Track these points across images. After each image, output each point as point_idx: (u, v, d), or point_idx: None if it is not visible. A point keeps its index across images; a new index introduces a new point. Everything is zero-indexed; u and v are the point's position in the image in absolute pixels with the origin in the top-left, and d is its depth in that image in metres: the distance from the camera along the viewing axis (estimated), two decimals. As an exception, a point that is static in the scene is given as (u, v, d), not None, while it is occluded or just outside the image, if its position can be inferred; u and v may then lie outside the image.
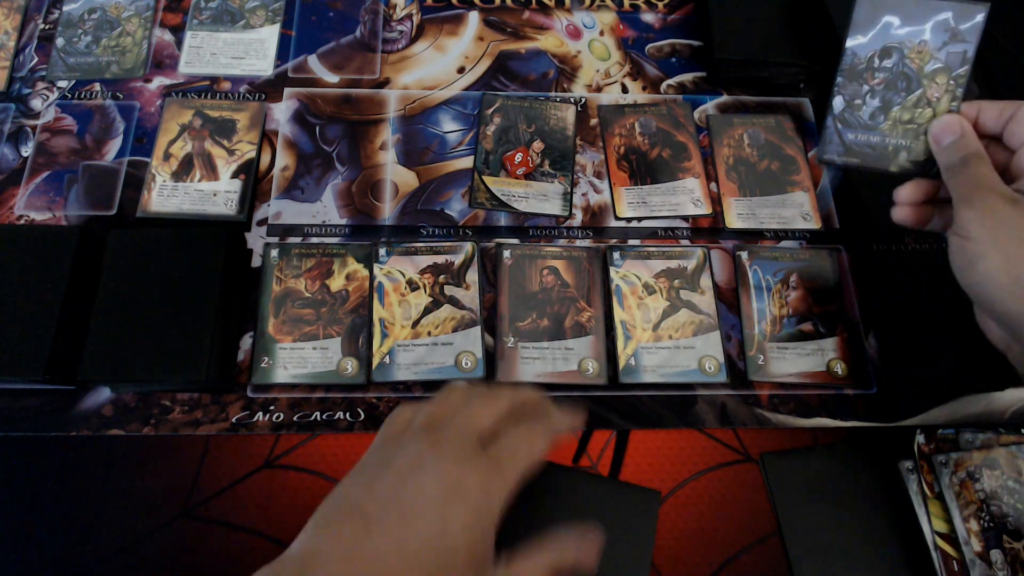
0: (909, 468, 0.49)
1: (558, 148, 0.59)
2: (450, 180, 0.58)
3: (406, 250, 0.54)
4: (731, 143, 0.60)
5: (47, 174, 0.57)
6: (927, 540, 0.47)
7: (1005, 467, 0.49)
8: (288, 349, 0.50)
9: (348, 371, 0.50)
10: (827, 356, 0.52)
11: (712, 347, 0.52)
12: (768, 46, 0.61)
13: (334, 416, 0.49)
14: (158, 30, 0.63)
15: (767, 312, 0.54)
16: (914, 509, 0.48)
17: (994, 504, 0.48)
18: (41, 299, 0.48)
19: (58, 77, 0.60)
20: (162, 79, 0.61)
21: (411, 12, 0.66)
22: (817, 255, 0.56)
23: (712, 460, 0.48)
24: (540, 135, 0.60)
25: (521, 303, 0.53)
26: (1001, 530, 0.47)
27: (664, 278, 0.54)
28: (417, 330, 0.52)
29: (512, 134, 0.60)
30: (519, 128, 0.60)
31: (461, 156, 0.59)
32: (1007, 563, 0.46)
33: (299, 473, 0.46)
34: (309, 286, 0.53)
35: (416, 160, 0.59)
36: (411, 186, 0.58)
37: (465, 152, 0.59)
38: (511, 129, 0.60)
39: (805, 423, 0.51)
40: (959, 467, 0.49)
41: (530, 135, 0.60)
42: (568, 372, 0.51)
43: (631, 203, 0.58)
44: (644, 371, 0.51)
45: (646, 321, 0.53)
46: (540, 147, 0.59)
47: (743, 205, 0.58)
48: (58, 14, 0.63)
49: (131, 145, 0.58)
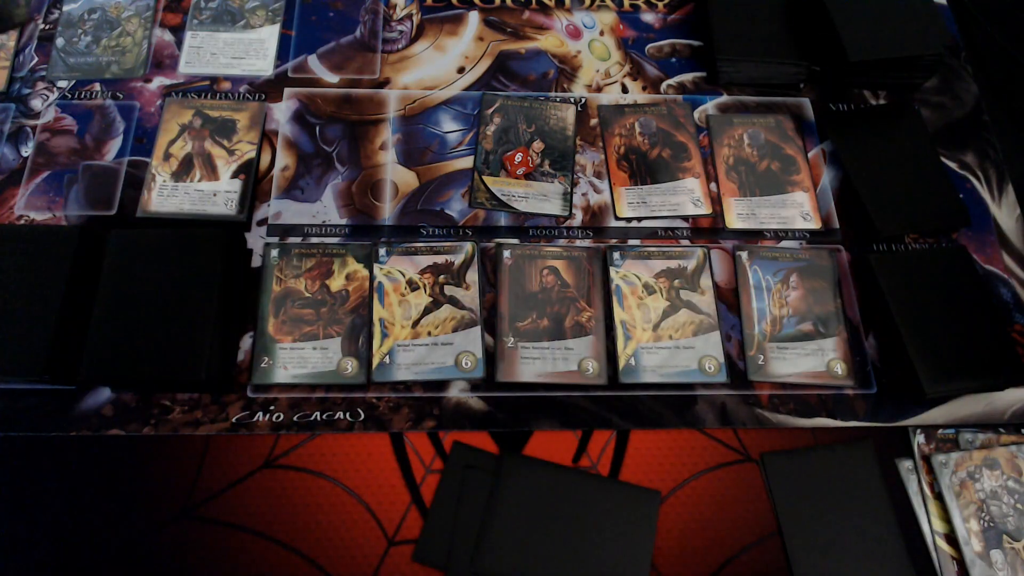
0: (909, 468, 0.49)
1: (558, 148, 0.59)
2: (450, 180, 0.58)
3: (406, 250, 0.54)
4: (731, 143, 0.60)
5: (47, 174, 0.57)
6: (927, 540, 0.47)
7: (1005, 467, 0.49)
8: (288, 349, 0.50)
9: (348, 371, 0.50)
10: (827, 356, 0.52)
11: (712, 347, 0.52)
12: (768, 46, 0.61)
13: (334, 416, 0.49)
14: (158, 30, 0.63)
15: (767, 312, 0.54)
16: (914, 509, 0.48)
17: (994, 504, 0.48)
18: (41, 299, 0.48)
19: (58, 77, 0.60)
20: (162, 79, 0.61)
21: (411, 12, 0.66)
22: (817, 255, 0.56)
23: (712, 460, 0.48)
24: (540, 135, 0.60)
25: (521, 303, 0.53)
26: (1001, 530, 0.47)
27: (664, 278, 0.54)
28: (417, 330, 0.52)
29: (512, 134, 0.60)
30: (519, 128, 0.60)
31: (461, 156, 0.59)
32: (1007, 563, 0.46)
33: (299, 473, 0.46)
34: (309, 286, 0.53)
35: (416, 160, 0.59)
36: (411, 186, 0.58)
37: (465, 152, 0.59)
38: (511, 129, 0.60)
39: (805, 423, 0.51)
40: (959, 467, 0.49)
41: (530, 135, 0.60)
42: (568, 372, 0.51)
43: (631, 203, 0.58)
44: (644, 371, 0.51)
45: (646, 321, 0.53)
46: (540, 147, 0.59)
47: (743, 205, 0.58)
48: (58, 14, 0.63)
49: (131, 145, 0.58)
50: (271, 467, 0.48)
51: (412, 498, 0.48)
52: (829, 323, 0.53)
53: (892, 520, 0.48)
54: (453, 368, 0.51)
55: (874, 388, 0.52)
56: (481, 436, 0.49)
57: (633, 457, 0.49)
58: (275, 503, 0.47)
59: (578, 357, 0.51)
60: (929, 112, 0.62)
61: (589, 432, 0.50)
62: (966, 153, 0.61)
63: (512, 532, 0.46)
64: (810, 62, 0.61)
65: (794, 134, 0.61)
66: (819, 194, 0.59)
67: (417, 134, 0.60)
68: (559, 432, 0.50)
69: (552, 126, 0.60)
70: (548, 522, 0.47)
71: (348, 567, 0.46)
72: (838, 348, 0.53)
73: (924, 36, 0.59)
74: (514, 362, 0.51)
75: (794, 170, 0.59)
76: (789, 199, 0.58)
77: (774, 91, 0.63)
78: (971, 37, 0.68)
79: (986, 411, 0.51)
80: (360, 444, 0.49)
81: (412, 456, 0.49)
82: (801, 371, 0.52)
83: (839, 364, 0.52)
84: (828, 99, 0.63)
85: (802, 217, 0.58)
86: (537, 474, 0.48)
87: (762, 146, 0.60)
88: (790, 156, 0.60)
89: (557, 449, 0.49)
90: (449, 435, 0.49)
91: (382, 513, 0.47)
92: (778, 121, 0.62)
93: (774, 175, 0.59)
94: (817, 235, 0.57)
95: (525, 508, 0.47)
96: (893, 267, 0.53)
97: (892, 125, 0.61)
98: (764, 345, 0.53)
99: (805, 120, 0.62)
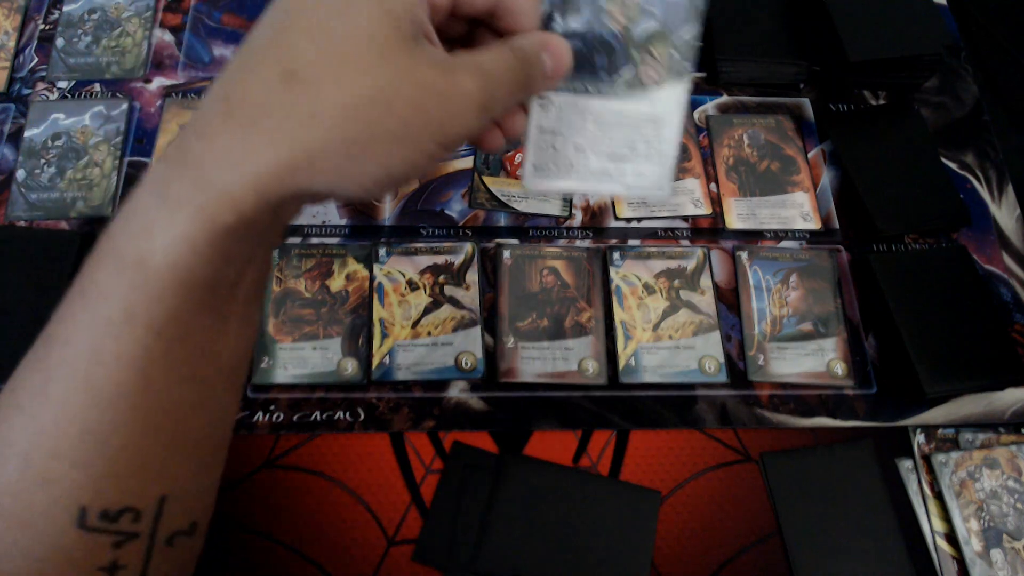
0: (909, 468, 0.49)
1: (558, 148, 0.59)
2: (450, 180, 0.58)
3: (406, 250, 0.54)
4: (731, 143, 0.60)
5: (47, 174, 0.57)
6: (927, 540, 0.48)
7: (1005, 467, 0.49)
8: (288, 349, 0.50)
9: (348, 371, 0.50)
10: (827, 356, 0.52)
11: (712, 347, 0.52)
12: (768, 46, 0.61)
13: (334, 416, 0.49)
14: (158, 30, 0.63)
15: (767, 312, 0.54)
16: (914, 509, 0.48)
17: (994, 504, 0.48)
18: (41, 303, 0.48)
19: (58, 77, 0.60)
20: (162, 79, 0.61)
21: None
22: (817, 255, 0.56)
23: (712, 460, 0.48)
24: (540, 135, 0.60)
25: (521, 303, 0.53)
26: (1001, 530, 0.47)
27: (664, 278, 0.54)
28: (417, 330, 0.52)
29: (512, 134, 0.60)
30: (519, 128, 0.60)
31: (461, 156, 0.59)
32: (1007, 562, 0.46)
33: (299, 473, 0.46)
34: (309, 286, 0.53)
35: (416, 160, 0.59)
36: (411, 186, 0.58)
37: (465, 152, 0.59)
38: (511, 129, 0.60)
39: (805, 423, 0.51)
40: (959, 467, 0.49)
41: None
42: (568, 372, 0.51)
43: (631, 203, 0.58)
44: (644, 371, 0.51)
45: (646, 321, 0.53)
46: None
47: (743, 205, 0.58)
48: (58, 14, 0.63)
49: (131, 145, 0.58)
50: (271, 467, 0.48)
51: (412, 498, 0.48)
52: (829, 323, 0.53)
53: (892, 520, 0.48)
54: (453, 368, 0.51)
55: (874, 388, 0.52)
56: (481, 436, 0.49)
57: (633, 457, 0.49)
58: (275, 503, 0.47)
59: (578, 357, 0.51)
60: (929, 112, 0.62)
61: (589, 432, 0.50)
62: (966, 153, 0.61)
63: (512, 532, 0.46)
64: (810, 62, 0.61)
65: (794, 134, 0.61)
66: (819, 194, 0.59)
67: (417, 134, 0.60)
68: (559, 432, 0.50)
69: (552, 126, 0.60)
70: (548, 522, 0.47)
71: (348, 567, 0.46)
72: (838, 348, 0.53)
73: (924, 36, 0.59)
74: (514, 362, 0.51)
75: (794, 170, 0.59)
76: (789, 199, 0.58)
77: (774, 91, 0.63)
78: (971, 37, 0.68)
79: (986, 411, 0.51)
80: (360, 444, 0.49)
81: (412, 456, 0.49)
82: (801, 371, 0.52)
83: (839, 364, 0.52)
84: (828, 99, 0.63)
85: (802, 217, 0.58)
86: (537, 474, 0.48)
87: (762, 146, 0.60)
88: (790, 156, 0.60)
89: (557, 449, 0.49)
90: (449, 435, 0.49)
91: (382, 513, 0.47)
92: (778, 121, 0.62)
93: (774, 175, 0.59)
94: (817, 235, 0.57)
95: (525, 508, 0.47)
96: (893, 267, 0.53)
97: (892, 125, 0.61)
98: (764, 345, 0.53)
99: (805, 120, 0.62)
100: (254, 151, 0.23)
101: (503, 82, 0.28)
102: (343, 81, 0.24)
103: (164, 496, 0.26)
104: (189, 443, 0.26)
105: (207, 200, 0.23)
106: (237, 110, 0.23)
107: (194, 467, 0.27)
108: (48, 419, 0.23)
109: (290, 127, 0.23)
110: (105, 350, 0.23)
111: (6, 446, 0.24)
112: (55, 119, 0.58)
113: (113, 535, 0.24)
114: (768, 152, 0.60)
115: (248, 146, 0.23)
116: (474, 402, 0.50)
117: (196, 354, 0.25)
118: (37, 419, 0.24)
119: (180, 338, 0.24)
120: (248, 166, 0.23)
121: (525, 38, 0.29)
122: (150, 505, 0.25)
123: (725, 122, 0.61)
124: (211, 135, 0.23)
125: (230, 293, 0.26)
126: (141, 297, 0.23)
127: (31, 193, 0.55)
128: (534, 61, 0.29)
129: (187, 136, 0.24)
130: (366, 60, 0.24)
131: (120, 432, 0.24)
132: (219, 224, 0.23)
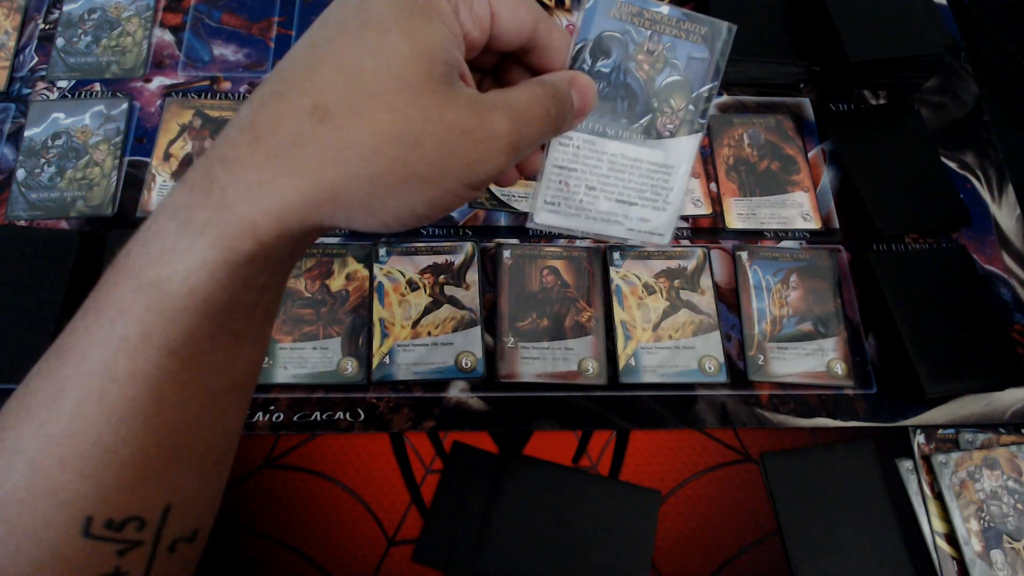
0: (909, 468, 0.49)
1: (558, 148, 0.59)
2: (450, 180, 0.58)
3: (406, 250, 0.54)
4: (731, 143, 0.60)
5: (47, 174, 0.57)
6: (927, 540, 0.48)
7: (1005, 467, 0.49)
8: (288, 349, 0.50)
9: (348, 371, 0.50)
10: (827, 356, 0.52)
11: (712, 347, 0.52)
12: (768, 46, 0.61)
13: (334, 416, 0.49)
14: (158, 30, 0.63)
15: (767, 312, 0.54)
16: (914, 509, 0.48)
17: (994, 504, 0.48)
18: (41, 302, 0.48)
19: (58, 77, 0.60)
20: (162, 79, 0.61)
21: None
22: (817, 255, 0.56)
23: (712, 460, 0.48)
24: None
25: (521, 303, 0.53)
26: (1001, 530, 0.47)
27: (664, 278, 0.54)
28: (417, 330, 0.52)
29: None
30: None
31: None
32: (1007, 563, 0.46)
33: (299, 473, 0.46)
34: (309, 286, 0.53)
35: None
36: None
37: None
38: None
39: (805, 423, 0.51)
40: (959, 467, 0.49)
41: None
42: (568, 372, 0.51)
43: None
44: (644, 371, 0.51)
45: (646, 321, 0.53)
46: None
47: (743, 205, 0.58)
48: (58, 14, 0.63)
49: (131, 144, 0.58)
50: (271, 467, 0.48)
51: (412, 498, 0.48)
52: (829, 323, 0.53)
53: (892, 520, 0.48)
54: (453, 368, 0.51)
55: (874, 388, 0.52)
56: (481, 436, 0.49)
57: (633, 457, 0.49)
58: (275, 503, 0.47)
59: (578, 357, 0.51)
60: (929, 112, 0.62)
61: (589, 432, 0.50)
62: (966, 153, 0.61)
63: (512, 532, 0.46)
64: (810, 62, 0.61)
65: (794, 134, 0.61)
66: (819, 194, 0.59)
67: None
68: (559, 432, 0.50)
69: (552, 126, 0.60)
70: (548, 522, 0.47)
71: (348, 567, 0.46)
72: (838, 348, 0.53)
73: (924, 36, 0.59)
74: (514, 362, 0.51)
75: (794, 170, 0.59)
76: (789, 199, 0.58)
77: (774, 91, 0.63)
78: (971, 37, 0.68)
79: (986, 411, 0.51)
80: (360, 444, 0.49)
81: (412, 456, 0.49)
82: (801, 371, 0.52)
83: (839, 364, 0.52)
84: (828, 99, 0.63)
85: (802, 217, 0.58)
86: (537, 474, 0.48)
87: (762, 146, 0.60)
88: (790, 156, 0.60)
89: (557, 449, 0.49)
90: (449, 435, 0.49)
91: (382, 513, 0.47)
92: (778, 121, 0.62)
93: (774, 175, 0.59)
94: (817, 235, 0.57)
95: (525, 508, 0.47)
96: (893, 267, 0.53)
97: (892, 125, 0.61)
98: (764, 345, 0.53)
99: (805, 120, 0.62)
100: (279, 183, 0.23)
101: (535, 121, 0.28)
102: (372, 119, 0.24)
103: (169, 505, 0.26)
104: (196, 454, 0.26)
105: (229, 229, 0.23)
106: (264, 140, 0.23)
107: (200, 476, 0.27)
108: (58, 430, 0.23)
109: (317, 161, 0.23)
110: (120, 367, 0.23)
111: (14, 453, 0.24)
112: (55, 118, 0.58)
113: (117, 543, 0.24)
114: (768, 152, 0.60)
115: (274, 177, 0.23)
116: (474, 402, 0.50)
117: (209, 372, 0.25)
118: (47, 429, 0.24)
119: (195, 358, 0.24)
120: (273, 198, 0.23)
121: (558, 76, 0.30)
122: (155, 514, 0.25)
123: (725, 122, 0.61)
124: (237, 163, 0.23)
125: (246, 316, 0.26)
126: (158, 318, 0.23)
127: (31, 192, 0.55)
128: (566, 99, 0.30)
129: (211, 161, 0.24)
130: (397, 100, 0.24)
131: (130, 446, 0.24)
132: (240, 252, 0.23)
